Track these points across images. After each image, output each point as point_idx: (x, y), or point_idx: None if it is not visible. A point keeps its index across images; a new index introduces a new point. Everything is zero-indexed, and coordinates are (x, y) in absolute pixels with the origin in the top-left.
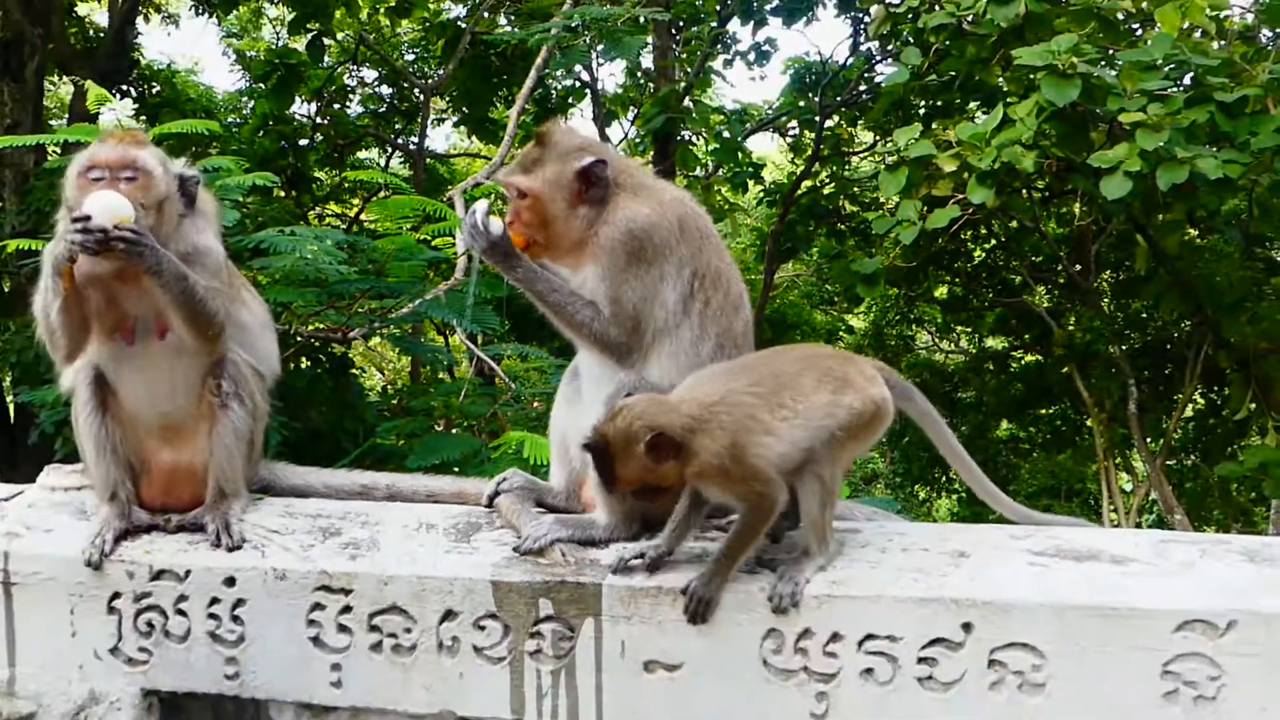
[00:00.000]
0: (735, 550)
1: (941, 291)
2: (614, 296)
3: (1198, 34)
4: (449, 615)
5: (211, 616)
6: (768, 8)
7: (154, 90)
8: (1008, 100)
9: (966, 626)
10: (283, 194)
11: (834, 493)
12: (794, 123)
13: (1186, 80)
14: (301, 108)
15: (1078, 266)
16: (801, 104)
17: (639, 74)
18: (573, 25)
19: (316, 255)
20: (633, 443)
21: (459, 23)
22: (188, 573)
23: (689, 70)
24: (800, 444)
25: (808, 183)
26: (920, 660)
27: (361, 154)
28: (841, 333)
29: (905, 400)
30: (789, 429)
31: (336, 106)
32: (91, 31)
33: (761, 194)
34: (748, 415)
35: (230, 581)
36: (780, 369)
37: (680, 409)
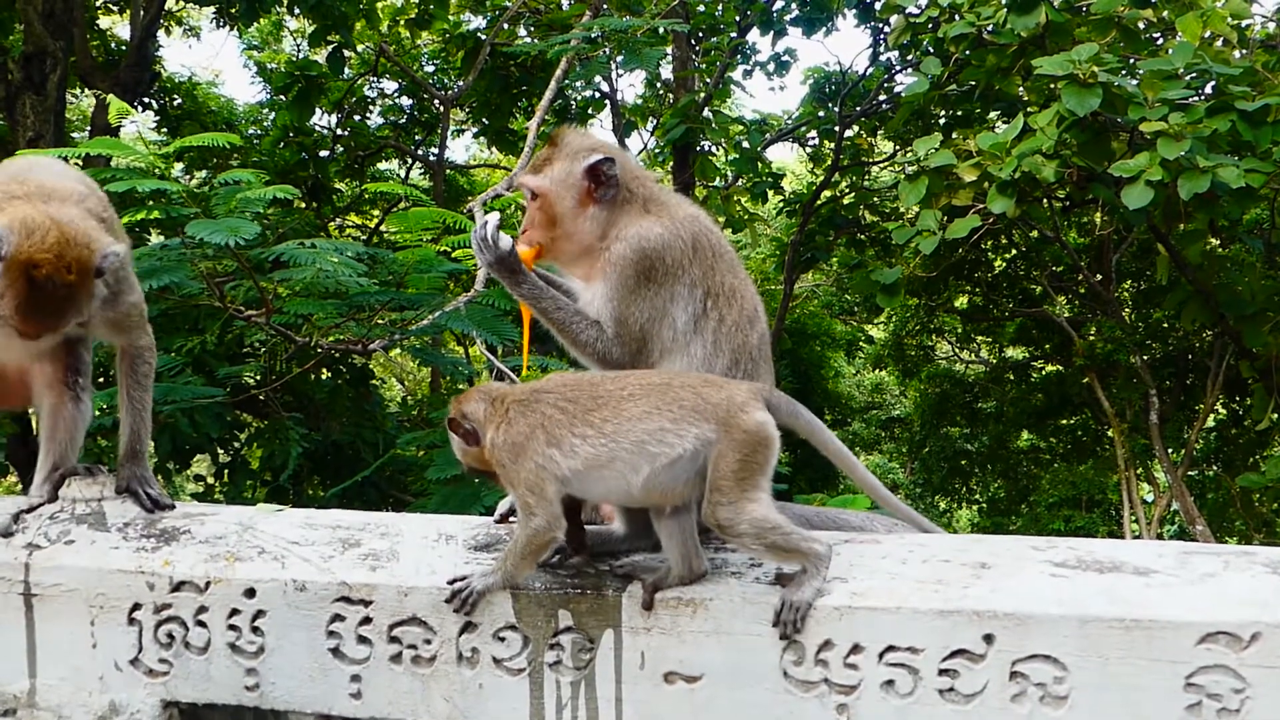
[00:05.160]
0: (507, 559)
1: (962, 301)
2: (620, 317)
3: (1219, 43)
4: (468, 627)
5: (232, 628)
6: (787, 18)
7: (175, 102)
8: (1028, 110)
9: (988, 638)
10: (303, 205)
11: (774, 526)
12: (813, 133)
13: (1208, 89)
14: (322, 119)
15: (1098, 276)
16: (821, 114)
17: (658, 85)
18: (592, 37)
19: (337, 268)
20: (450, 423)
21: (479, 34)
22: (208, 584)
23: (708, 81)
24: (599, 464)
25: (827, 193)
26: (941, 672)
27: (381, 165)
28: (861, 342)
29: (792, 418)
30: (585, 446)
31: (357, 118)
32: (113, 44)
33: (781, 204)
34: (539, 425)
35: (250, 593)
36: (611, 390)
37: (491, 400)
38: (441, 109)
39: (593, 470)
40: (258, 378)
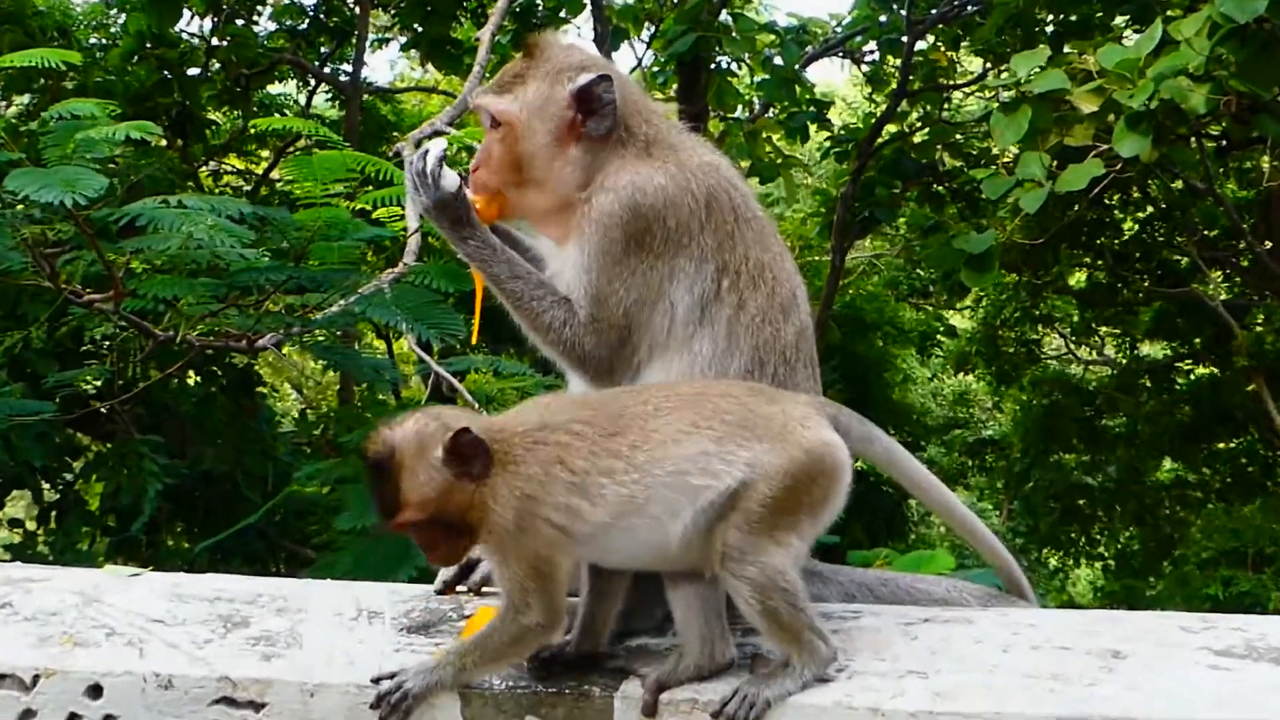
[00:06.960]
0: (467, 653)
1: (1079, 279)
2: (598, 295)
3: None
4: None
5: None
6: None
7: None
8: (1169, 14)
9: None
10: (165, 144)
11: (788, 589)
12: (872, 44)
13: None
14: (191, 24)
15: (1268, 244)
16: (883, 19)
17: None
18: None
19: (212, 234)
20: (428, 448)
21: None
22: (36, 678)
23: None
24: (632, 510)
25: (891, 127)
26: None
27: (274, 88)
28: (939, 336)
29: (865, 443)
30: (613, 486)
31: (240, 23)
32: None
33: (828, 143)
34: (555, 459)
35: (95, 691)
36: (632, 405)
37: (490, 424)
38: (358, 10)
39: (622, 520)
40: (100, 385)
